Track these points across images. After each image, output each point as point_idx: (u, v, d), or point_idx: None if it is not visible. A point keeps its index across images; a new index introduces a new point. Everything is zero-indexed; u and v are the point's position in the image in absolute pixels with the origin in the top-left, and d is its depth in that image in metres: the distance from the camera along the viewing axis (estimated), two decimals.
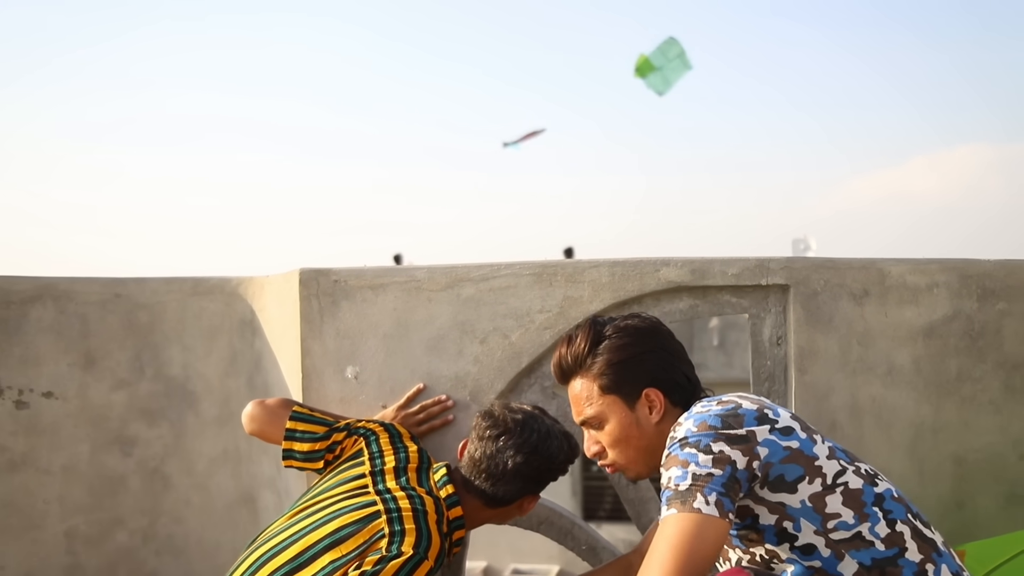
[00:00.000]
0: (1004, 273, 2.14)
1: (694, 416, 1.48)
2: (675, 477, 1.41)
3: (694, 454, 1.41)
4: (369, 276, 2.22)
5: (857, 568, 1.40)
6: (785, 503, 1.43)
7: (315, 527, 1.74)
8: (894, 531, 1.43)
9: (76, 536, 2.41)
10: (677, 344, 1.68)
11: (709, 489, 1.38)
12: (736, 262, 2.16)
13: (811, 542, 1.42)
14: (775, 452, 1.43)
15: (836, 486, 1.44)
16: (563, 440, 1.90)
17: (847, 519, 1.42)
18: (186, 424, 2.47)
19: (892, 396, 2.15)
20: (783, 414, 1.50)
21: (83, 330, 2.43)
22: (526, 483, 1.86)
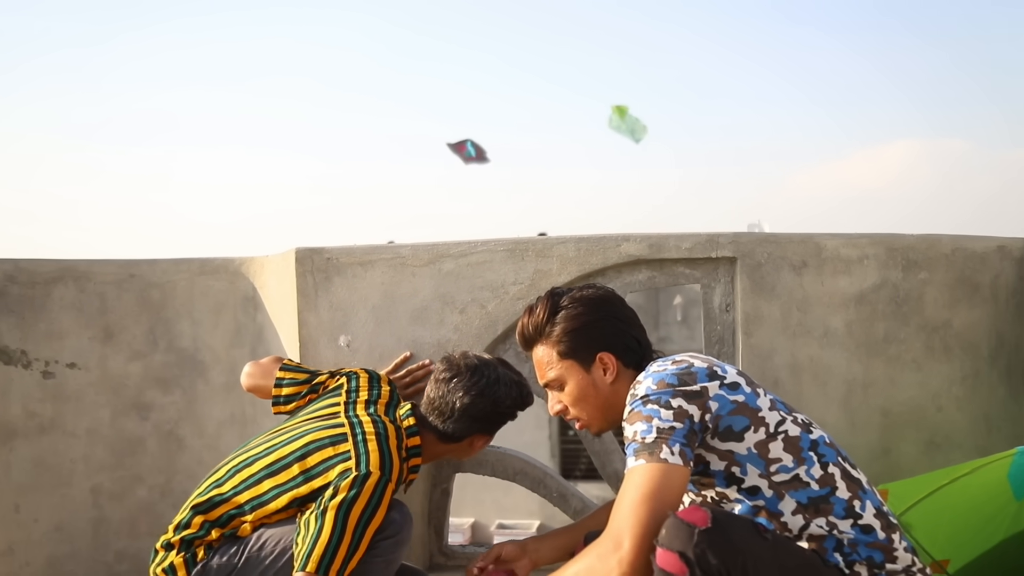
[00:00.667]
0: (926, 246, 2.29)
1: (652, 375, 1.57)
2: (640, 431, 1.50)
3: (656, 410, 1.50)
4: (359, 253, 2.37)
5: (795, 506, 1.51)
6: (733, 450, 1.53)
7: (289, 441, 1.95)
8: (827, 473, 1.53)
9: (101, 492, 2.56)
10: (628, 311, 1.77)
11: (673, 440, 1.48)
12: (689, 237, 2.32)
13: (756, 484, 1.53)
14: (724, 405, 1.53)
15: (778, 434, 1.54)
16: (513, 387, 2.03)
17: (787, 463, 1.53)
18: (197, 391, 2.62)
19: (827, 356, 2.30)
20: (730, 371, 1.60)
21: (101, 307, 2.57)
22: (473, 422, 2.01)
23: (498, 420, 2.04)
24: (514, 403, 2.03)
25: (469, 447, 2.07)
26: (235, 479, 1.95)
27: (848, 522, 1.52)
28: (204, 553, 1.91)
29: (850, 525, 1.51)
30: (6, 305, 2.49)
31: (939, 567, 2.13)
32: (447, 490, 2.43)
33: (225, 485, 1.95)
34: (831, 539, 1.51)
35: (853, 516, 1.52)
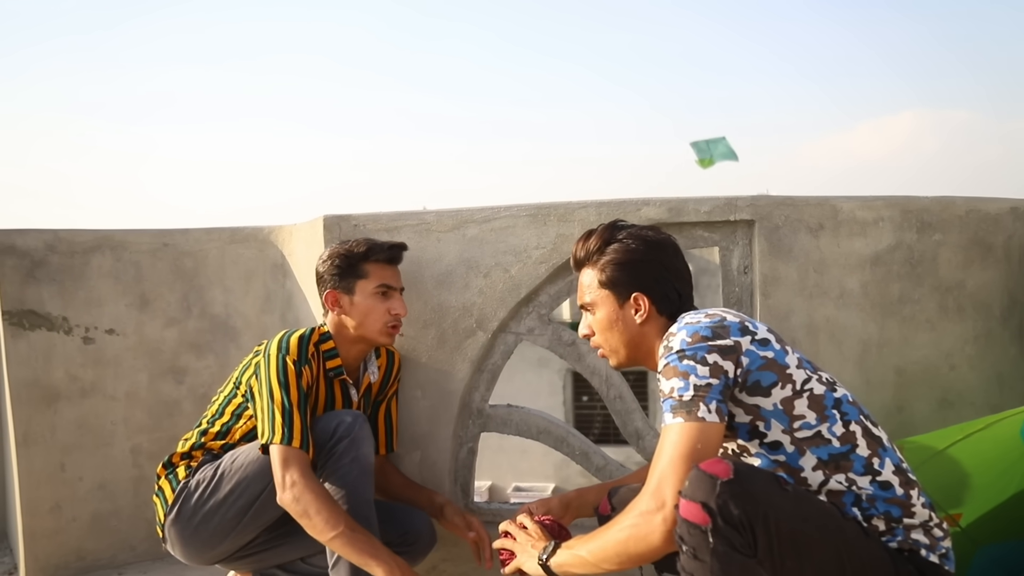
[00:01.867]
0: (940, 208, 2.27)
1: (686, 327, 1.55)
2: (678, 388, 1.49)
3: (692, 366, 1.49)
4: (385, 220, 2.37)
5: (816, 461, 1.51)
6: (760, 405, 1.52)
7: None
8: (848, 431, 1.53)
9: (140, 452, 2.60)
10: (679, 262, 1.74)
11: (709, 398, 1.47)
12: (708, 200, 2.30)
13: (778, 439, 1.53)
14: (754, 360, 1.52)
15: (803, 391, 1.53)
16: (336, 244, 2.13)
17: (810, 420, 1.52)
18: (229, 355, 2.65)
19: (843, 316, 2.29)
20: (760, 327, 1.59)
21: (137, 275, 2.59)
22: (319, 284, 2.11)
23: (329, 271, 2.10)
24: (332, 252, 2.11)
25: (335, 306, 2.10)
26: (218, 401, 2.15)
27: (867, 478, 1.51)
28: (185, 472, 2.05)
29: (869, 481, 1.51)
30: (47, 274, 2.51)
31: (951, 521, 2.14)
32: (473, 448, 2.45)
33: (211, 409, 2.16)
34: (850, 494, 1.51)
35: (872, 473, 1.52)
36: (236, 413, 2.10)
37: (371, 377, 2.21)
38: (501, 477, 11.21)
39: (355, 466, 1.92)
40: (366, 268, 2.10)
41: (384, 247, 2.12)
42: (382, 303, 2.10)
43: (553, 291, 2.38)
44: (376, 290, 2.09)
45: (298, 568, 2.14)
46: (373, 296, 2.09)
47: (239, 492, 1.98)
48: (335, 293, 2.10)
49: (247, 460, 1.99)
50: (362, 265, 2.09)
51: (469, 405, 2.42)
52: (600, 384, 2.42)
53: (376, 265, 2.11)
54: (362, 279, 2.09)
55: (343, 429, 1.92)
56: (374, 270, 2.10)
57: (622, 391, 2.41)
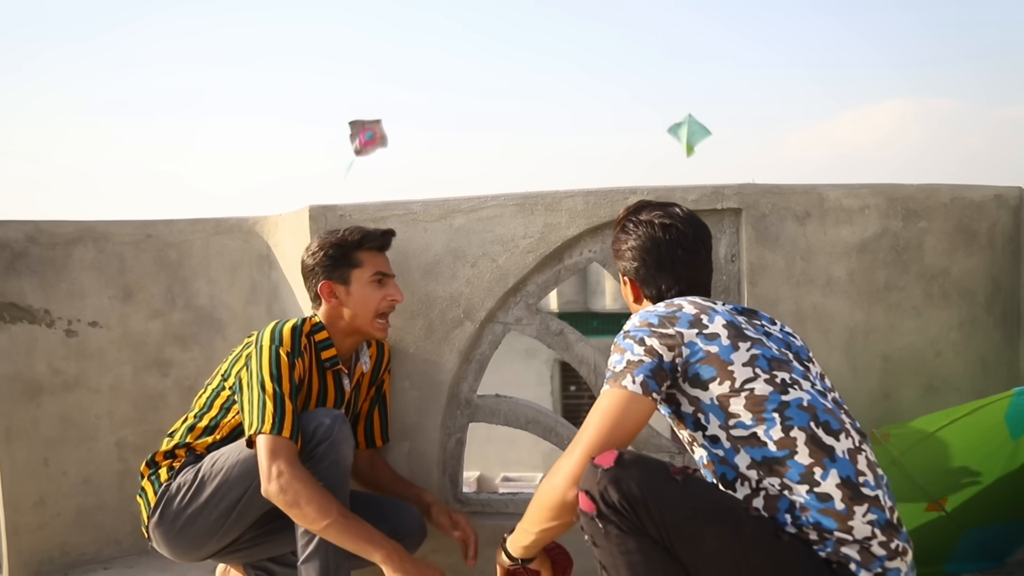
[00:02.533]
0: (925, 195, 2.28)
1: (642, 314, 1.64)
2: (614, 361, 1.59)
3: (631, 344, 1.58)
4: (371, 210, 2.36)
5: (750, 461, 1.52)
6: (700, 398, 1.56)
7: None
8: (787, 436, 1.51)
9: (125, 445, 2.58)
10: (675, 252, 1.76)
11: (638, 372, 1.54)
12: (695, 189, 2.29)
13: (716, 434, 1.56)
14: (695, 353, 1.56)
15: (741, 391, 1.53)
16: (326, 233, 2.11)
17: (745, 420, 1.53)
18: (215, 347, 2.63)
19: (830, 304, 2.29)
20: (718, 321, 1.60)
21: (120, 267, 2.56)
22: (309, 275, 2.10)
23: (321, 261, 2.08)
24: (322, 241, 2.09)
25: (331, 298, 2.09)
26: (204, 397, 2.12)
27: (803, 487, 1.49)
28: (167, 474, 2.03)
29: (805, 491, 1.49)
30: (28, 266, 2.48)
31: (937, 506, 2.16)
32: (461, 439, 2.45)
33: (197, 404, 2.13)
34: (784, 500, 1.50)
35: (809, 482, 1.49)
36: (225, 406, 2.08)
37: (363, 367, 2.20)
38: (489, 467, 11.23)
39: (334, 470, 1.90)
40: (360, 256, 2.08)
41: (377, 234, 2.11)
42: (378, 290, 2.09)
43: (541, 281, 2.37)
44: (372, 278, 2.09)
45: (289, 560, 2.14)
46: (369, 284, 2.08)
47: (220, 495, 1.96)
48: (330, 284, 2.08)
49: (227, 463, 1.97)
50: (356, 253, 2.08)
51: (457, 395, 2.42)
52: (588, 373, 2.42)
53: (370, 253, 2.10)
54: (357, 268, 2.08)
55: (323, 432, 1.90)
56: (368, 258, 2.09)
57: None
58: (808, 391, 1.58)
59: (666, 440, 2.45)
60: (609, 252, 2.34)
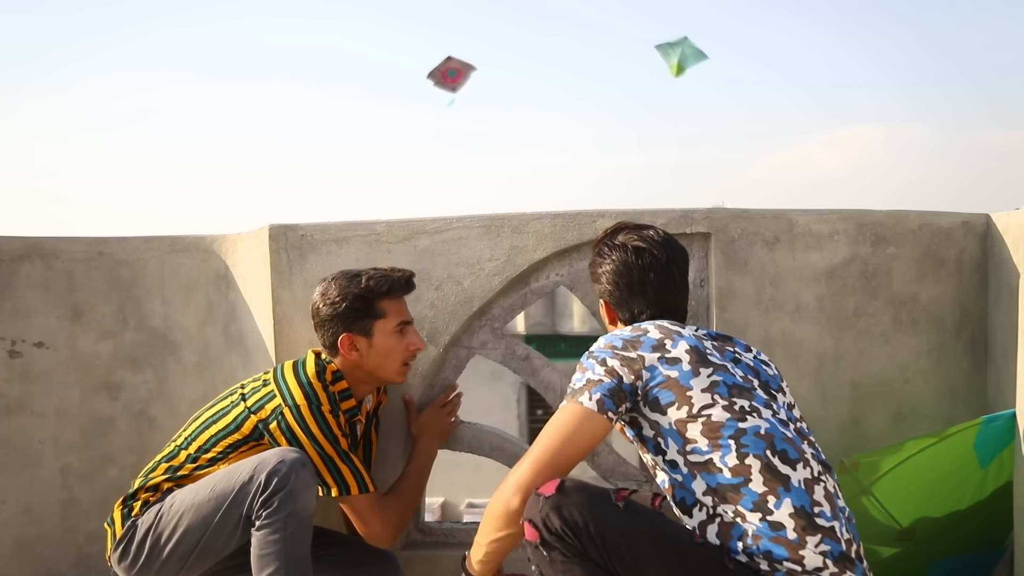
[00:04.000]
0: (893, 221, 2.29)
1: (607, 336, 1.68)
2: (575, 379, 1.63)
3: (592, 364, 1.62)
4: (333, 230, 2.32)
5: (705, 487, 1.54)
6: (659, 422, 1.59)
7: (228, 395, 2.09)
8: (743, 464, 1.52)
9: (70, 473, 2.49)
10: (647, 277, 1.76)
11: (596, 390, 1.58)
12: (664, 212, 2.29)
13: (674, 459, 1.58)
14: (655, 377, 1.59)
15: (699, 416, 1.55)
16: (344, 279, 2.02)
17: (701, 446, 1.54)
18: (168, 370, 2.55)
19: (799, 330, 2.30)
20: (681, 347, 1.61)
21: (69, 285, 2.49)
22: (327, 324, 2.02)
23: (343, 313, 2.01)
24: (343, 290, 2.01)
25: (352, 352, 2.04)
26: (189, 429, 2.07)
27: (756, 515, 1.50)
28: (140, 508, 1.99)
29: (758, 519, 1.50)
30: None
31: (907, 534, 2.16)
32: None
33: (182, 436, 2.07)
34: (737, 527, 1.51)
35: (763, 511, 1.50)
36: (233, 446, 2.00)
37: (367, 406, 2.18)
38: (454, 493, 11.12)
39: (292, 521, 1.84)
40: (384, 306, 2.02)
41: (402, 281, 2.04)
42: (400, 341, 2.04)
43: (506, 304, 2.35)
44: (396, 328, 2.03)
45: None
46: (393, 335, 2.03)
47: (178, 540, 1.91)
48: (351, 337, 2.01)
49: (184, 507, 1.92)
50: (380, 303, 2.01)
51: None
52: (554, 399, 2.39)
53: (393, 301, 2.03)
54: (381, 319, 2.02)
55: (278, 481, 1.83)
56: (392, 307, 2.03)
57: None
58: (767, 419, 1.58)
59: (634, 468, 2.42)
60: (576, 275, 2.32)
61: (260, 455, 1.90)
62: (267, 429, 1.97)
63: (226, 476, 1.90)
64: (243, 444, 1.99)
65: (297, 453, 1.89)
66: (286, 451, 1.90)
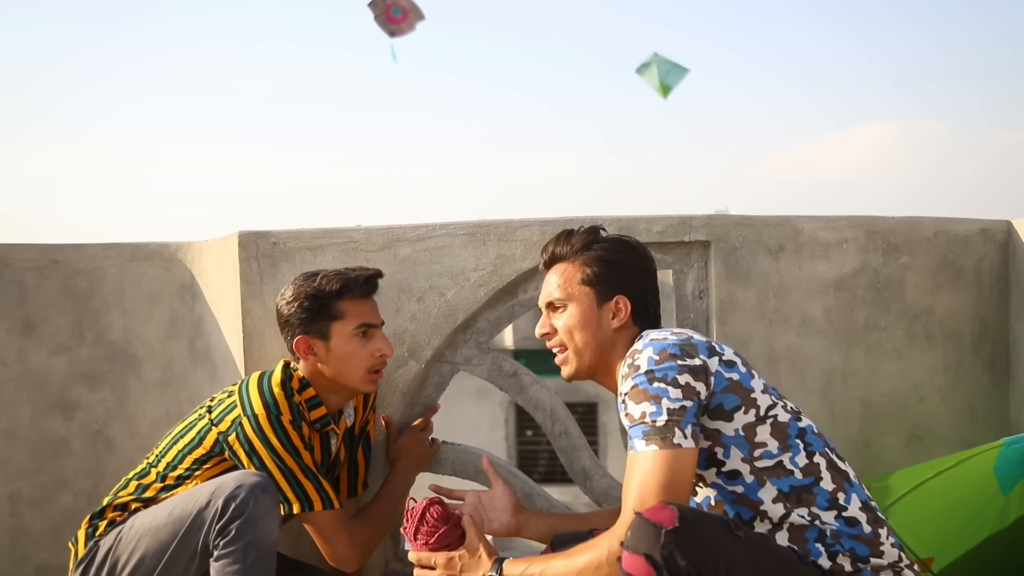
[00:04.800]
0: (906, 229, 2.21)
1: (652, 344, 1.50)
2: (650, 413, 1.44)
3: (664, 388, 1.44)
4: (307, 238, 2.20)
5: (776, 494, 1.48)
6: (720, 430, 1.48)
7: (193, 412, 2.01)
8: (812, 462, 1.49)
9: (20, 499, 2.35)
10: (656, 281, 1.72)
11: (684, 422, 1.43)
12: (660, 220, 2.19)
13: (737, 468, 1.48)
14: (720, 382, 1.48)
15: (767, 418, 1.50)
16: (300, 279, 1.93)
17: (772, 449, 1.48)
18: (128, 388, 2.42)
19: (806, 345, 2.21)
20: (727, 349, 1.56)
21: (20, 296, 2.36)
22: (284, 327, 1.93)
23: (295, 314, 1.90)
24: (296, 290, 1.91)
25: (309, 355, 1.93)
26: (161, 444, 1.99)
27: (831, 513, 1.48)
28: (104, 528, 1.92)
29: (833, 516, 1.48)
30: None
31: (924, 565, 2.05)
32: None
33: (153, 453, 1.99)
34: (813, 529, 1.47)
35: (837, 508, 1.48)
36: (199, 461, 1.91)
37: (347, 421, 2.05)
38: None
39: (252, 551, 1.74)
40: (341, 307, 1.90)
41: (360, 280, 1.92)
42: (364, 345, 1.92)
43: (493, 317, 2.23)
44: (355, 331, 1.91)
45: None
46: (353, 339, 1.91)
47: (135, 565, 1.84)
48: (307, 339, 1.91)
49: (142, 531, 1.84)
50: (336, 304, 1.89)
51: None
52: (544, 419, 2.26)
53: (353, 302, 1.91)
54: (338, 320, 1.90)
55: (236, 507, 1.73)
56: (351, 308, 1.91)
57: (568, 426, 2.25)
58: (809, 419, 1.58)
59: None
60: None
61: (219, 478, 1.81)
62: (226, 442, 1.87)
63: (184, 500, 1.81)
64: (207, 460, 1.91)
65: (258, 477, 1.78)
66: (246, 474, 1.79)
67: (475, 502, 1.91)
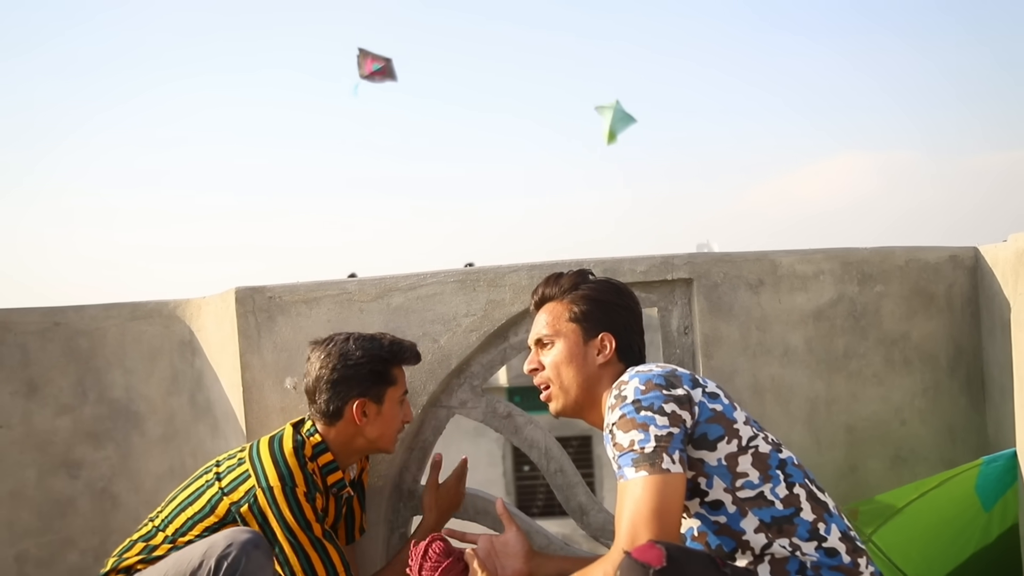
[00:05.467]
0: (880, 259, 2.27)
1: (639, 375, 1.55)
2: (638, 440, 1.47)
3: (651, 416, 1.48)
4: (303, 291, 2.26)
5: (758, 524, 1.50)
6: (704, 460, 1.52)
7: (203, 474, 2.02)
8: (792, 493, 1.52)
9: (27, 560, 2.37)
10: (641, 321, 1.80)
11: (672, 448, 1.47)
12: (643, 260, 2.27)
13: (719, 498, 1.51)
14: (703, 412, 1.53)
15: (748, 448, 1.54)
16: (364, 340, 1.95)
17: (753, 479, 1.51)
18: (132, 444, 2.46)
19: (789, 374, 2.26)
20: (710, 382, 1.63)
21: (23, 359, 2.40)
22: (339, 387, 1.93)
23: (362, 375, 1.93)
24: (367, 351, 1.94)
25: (361, 418, 1.94)
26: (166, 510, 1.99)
27: (812, 544, 1.49)
28: None
29: (814, 548, 1.49)
30: None
31: None
32: (405, 533, 2.30)
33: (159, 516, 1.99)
34: (794, 560, 1.49)
35: (817, 539, 1.50)
36: (211, 529, 1.91)
37: (351, 474, 2.09)
38: None
39: None
40: (395, 373, 1.96)
41: (412, 347, 1.99)
42: (399, 411, 1.99)
43: (485, 360, 2.29)
44: (402, 397, 1.98)
45: None
46: (398, 404, 1.97)
47: None
48: (365, 402, 1.94)
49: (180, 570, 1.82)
50: (392, 370, 1.95)
51: (400, 487, 2.30)
52: (539, 457, 2.32)
53: (401, 369, 1.99)
54: (391, 386, 1.96)
55: (228, 566, 1.74)
56: (399, 375, 1.98)
57: (563, 464, 2.31)
58: (789, 451, 1.62)
59: None
60: None
61: (211, 537, 1.82)
62: (239, 512, 1.89)
63: (176, 562, 1.82)
64: (220, 527, 1.91)
65: (249, 533, 1.80)
66: (237, 532, 1.81)
67: (488, 547, 1.91)
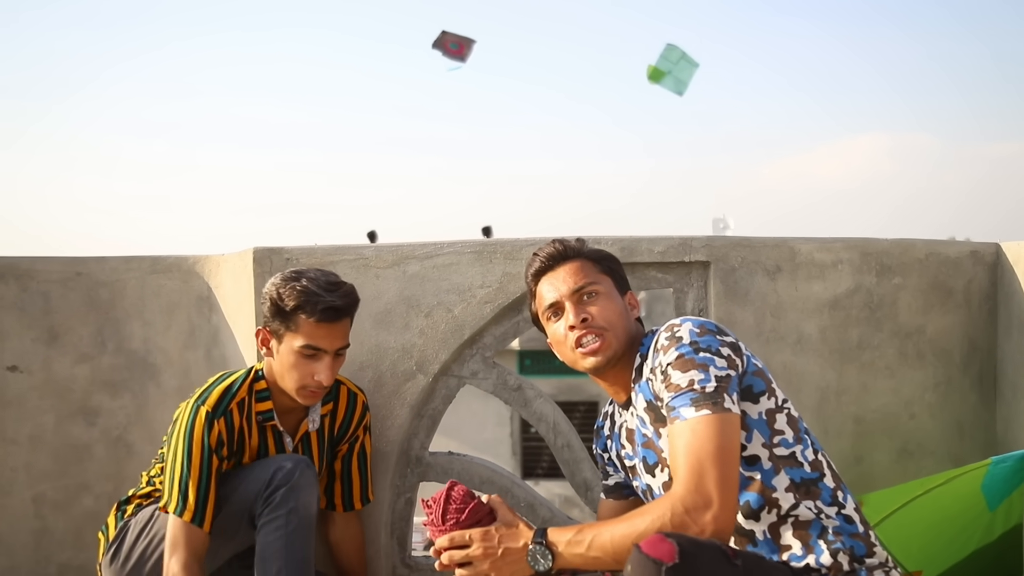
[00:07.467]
0: (899, 251, 2.26)
1: (691, 320, 1.54)
2: (698, 380, 1.45)
3: (710, 357, 1.48)
4: (320, 254, 2.28)
5: (788, 483, 1.51)
6: (747, 412, 1.51)
7: None
8: (817, 458, 1.56)
9: (44, 501, 2.44)
10: None
11: (731, 389, 1.47)
12: (662, 240, 2.26)
13: (756, 453, 1.51)
14: (750, 365, 1.55)
15: (783, 408, 1.56)
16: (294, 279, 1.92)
17: (788, 438, 1.53)
18: (148, 395, 2.50)
19: (801, 362, 2.26)
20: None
21: (45, 307, 2.44)
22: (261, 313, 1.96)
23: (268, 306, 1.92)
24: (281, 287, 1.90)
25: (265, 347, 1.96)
26: None
27: (834, 509, 1.52)
28: (133, 510, 2.01)
29: (835, 512, 1.52)
30: None
31: None
32: (411, 499, 2.34)
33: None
34: (816, 524, 1.50)
35: (837, 504, 1.53)
36: None
37: (310, 426, 2.05)
38: None
39: (293, 518, 1.83)
40: (299, 321, 1.89)
41: (318, 306, 1.87)
42: (305, 364, 1.91)
43: (498, 332, 2.30)
44: (302, 349, 1.91)
45: None
46: (296, 354, 1.91)
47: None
48: (265, 332, 1.97)
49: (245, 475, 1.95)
50: (295, 316, 1.90)
51: (408, 453, 2.32)
52: (547, 431, 2.34)
53: (309, 322, 1.89)
54: (290, 332, 1.91)
55: (281, 476, 1.84)
56: (306, 327, 1.89)
57: (570, 439, 2.33)
58: None
59: None
60: None
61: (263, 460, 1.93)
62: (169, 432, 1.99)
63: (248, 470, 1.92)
64: None
65: (303, 458, 1.92)
66: (292, 455, 1.93)
67: None
